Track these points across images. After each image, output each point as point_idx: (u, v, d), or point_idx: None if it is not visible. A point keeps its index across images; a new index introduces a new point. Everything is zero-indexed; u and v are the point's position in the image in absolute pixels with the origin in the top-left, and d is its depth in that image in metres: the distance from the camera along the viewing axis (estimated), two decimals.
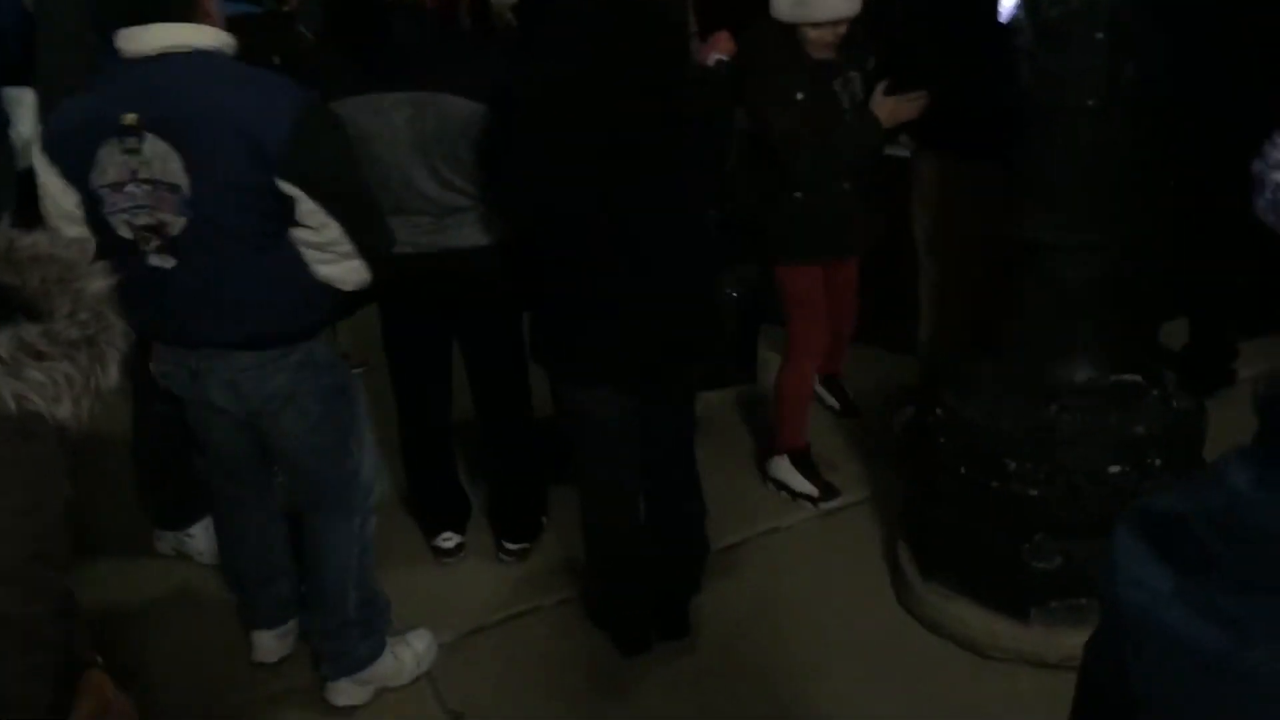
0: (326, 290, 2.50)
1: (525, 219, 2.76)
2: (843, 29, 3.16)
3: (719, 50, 3.17)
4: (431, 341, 3.18)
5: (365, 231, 2.46)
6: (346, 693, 2.88)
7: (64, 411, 1.39)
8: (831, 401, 4.02)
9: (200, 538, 3.37)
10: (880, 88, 3.21)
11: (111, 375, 1.47)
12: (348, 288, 2.51)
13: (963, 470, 2.82)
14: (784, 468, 3.60)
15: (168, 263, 2.39)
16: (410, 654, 2.97)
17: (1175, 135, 2.93)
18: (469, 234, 2.94)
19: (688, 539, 3.05)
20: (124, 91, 2.32)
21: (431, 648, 3.02)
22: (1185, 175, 3.16)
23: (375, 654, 2.89)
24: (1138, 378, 2.73)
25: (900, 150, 3.55)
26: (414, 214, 2.88)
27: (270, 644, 3.01)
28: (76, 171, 2.37)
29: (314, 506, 2.79)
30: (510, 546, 3.37)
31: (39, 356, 1.37)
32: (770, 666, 2.96)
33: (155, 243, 2.38)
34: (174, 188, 2.31)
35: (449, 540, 3.39)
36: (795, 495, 3.58)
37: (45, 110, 2.97)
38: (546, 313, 2.79)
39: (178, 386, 2.62)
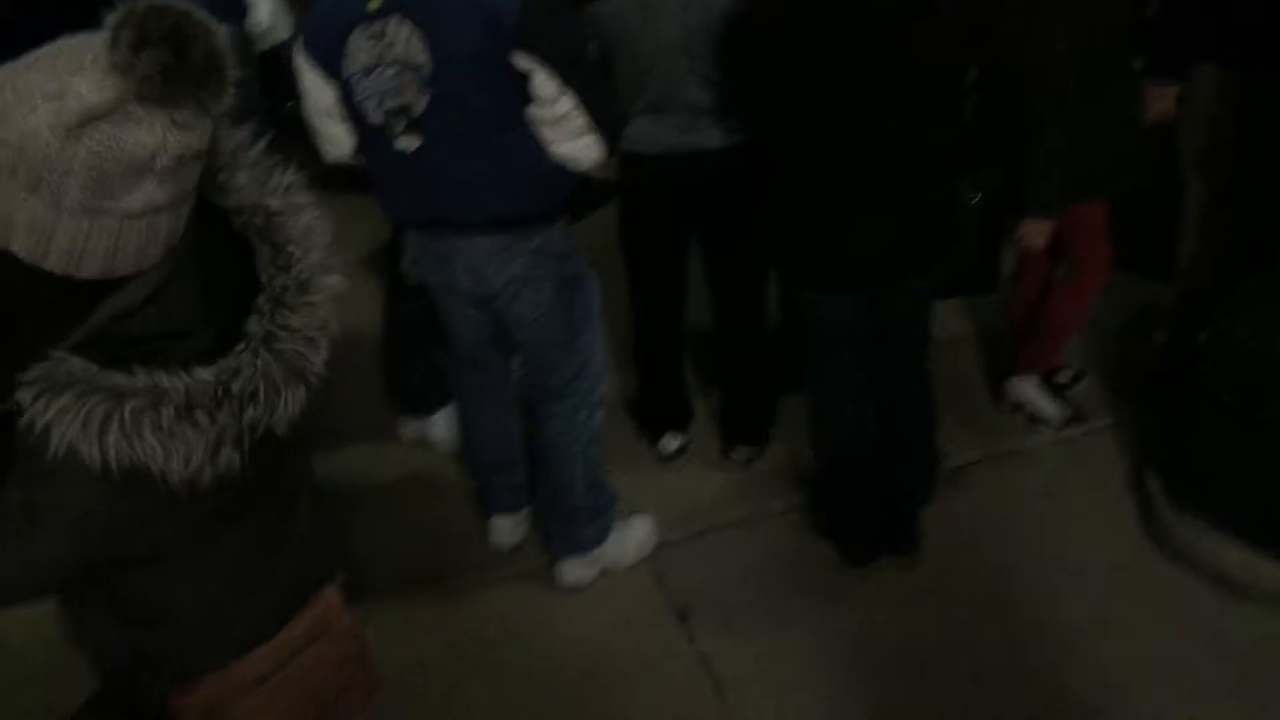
0: (563, 174, 2.54)
1: (763, 123, 2.71)
2: None
3: None
4: (670, 244, 3.19)
5: (598, 105, 2.46)
6: (573, 571, 2.99)
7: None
8: None
9: (441, 426, 3.51)
10: None
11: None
12: (582, 166, 2.53)
13: (1232, 399, 2.64)
14: (1030, 389, 3.45)
15: (413, 143, 2.47)
16: (633, 539, 3.06)
17: None
18: (718, 135, 2.91)
19: (919, 449, 2.98)
20: None
21: (653, 535, 3.10)
22: None
23: (601, 537, 2.99)
24: None
25: None
26: (667, 113, 2.87)
27: (505, 528, 3.13)
28: (330, 64, 2.47)
29: (544, 395, 2.87)
30: (739, 453, 3.38)
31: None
32: (998, 590, 2.88)
33: (402, 125, 2.46)
34: (417, 67, 2.38)
35: (673, 442, 3.43)
36: (1037, 418, 3.44)
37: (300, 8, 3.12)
38: (784, 215, 2.75)
39: (426, 272, 2.72)
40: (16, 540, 1.26)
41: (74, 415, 1.17)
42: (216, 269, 1.30)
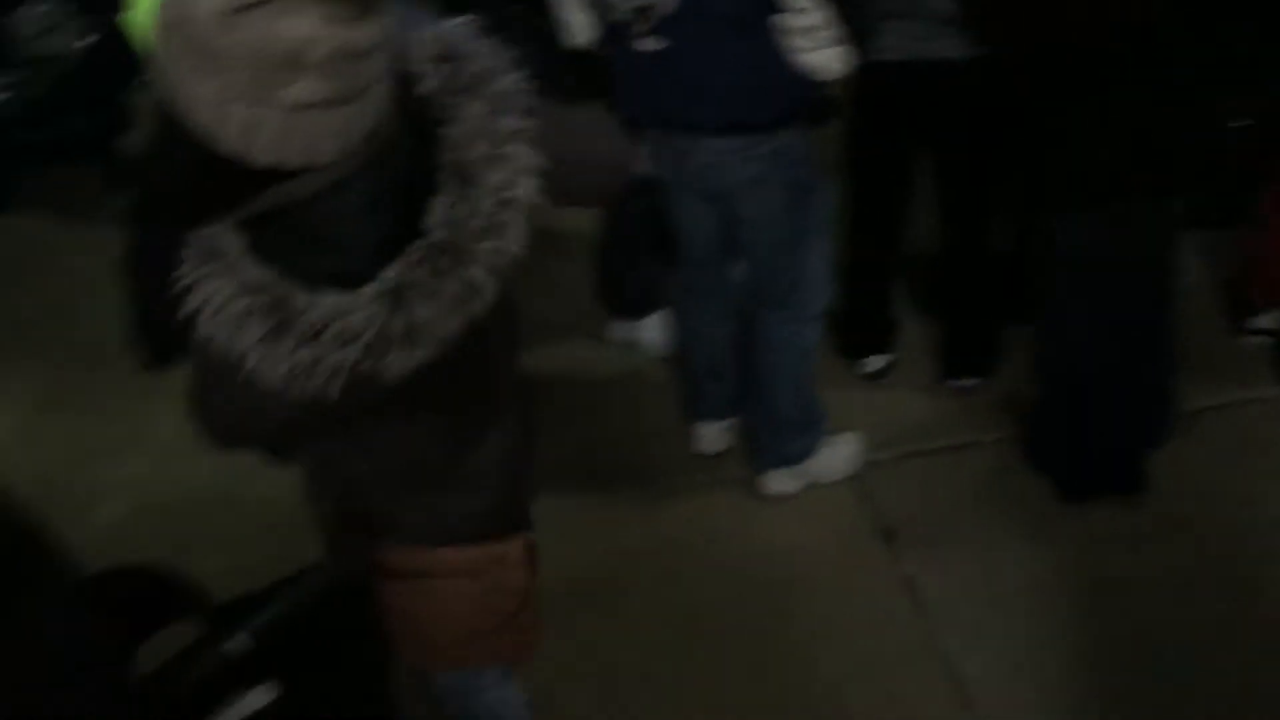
0: (804, 81, 2.49)
1: (1010, 30, 2.57)
2: None
3: None
4: (899, 159, 3.09)
5: (849, 16, 2.41)
6: (778, 482, 2.99)
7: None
8: None
9: (652, 330, 3.52)
10: None
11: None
12: (826, 77, 2.48)
13: None
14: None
15: (656, 45, 2.46)
16: (841, 454, 3.03)
17: None
18: (959, 45, 2.78)
19: (1154, 388, 2.82)
20: None
21: (860, 454, 3.06)
22: None
23: (808, 451, 2.98)
24: None
25: None
26: (906, 20, 2.76)
27: (712, 434, 3.14)
28: None
29: (763, 302, 2.85)
30: (961, 382, 3.28)
31: None
32: (1224, 541, 2.74)
33: (647, 24, 2.45)
34: None
35: (877, 361, 3.36)
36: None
37: None
38: (1027, 132, 2.62)
39: (663, 170, 2.72)
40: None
41: (206, 289, 1.23)
42: (396, 195, 1.26)
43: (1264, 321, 3.29)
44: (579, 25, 2.62)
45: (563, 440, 3.26)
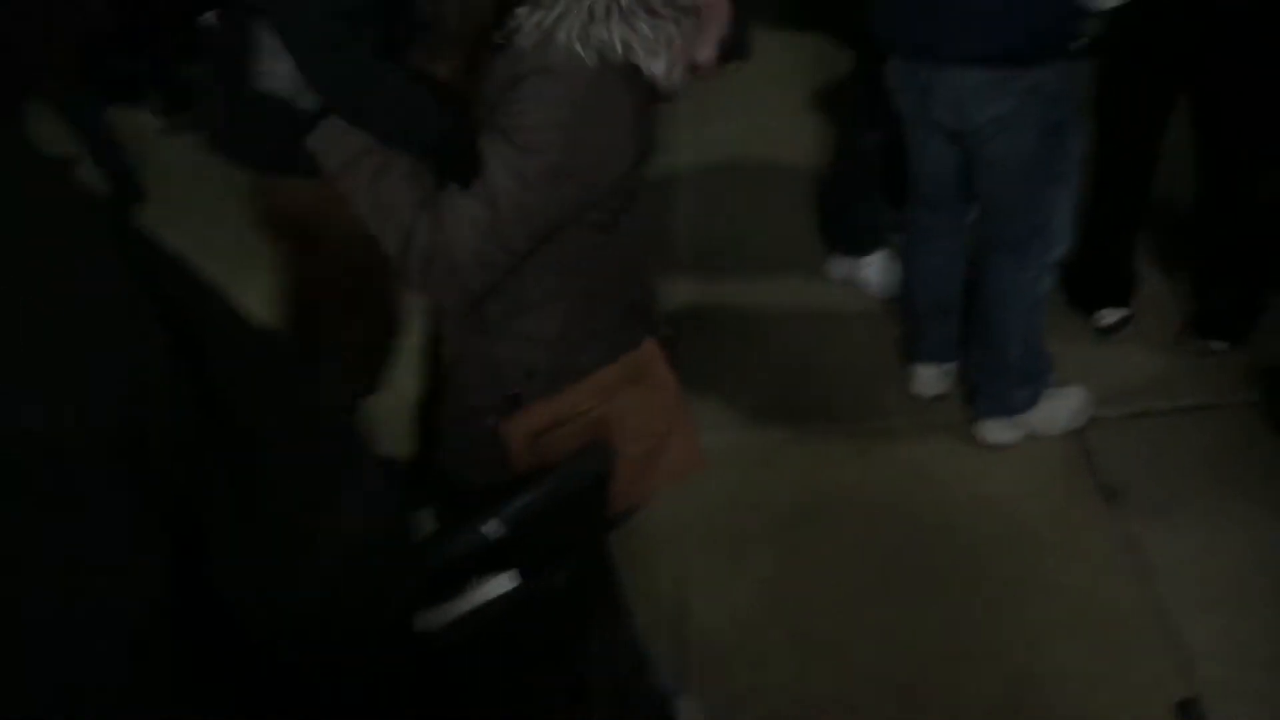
0: (1077, 10, 2.39)
1: None
2: None
3: None
4: (1158, 99, 2.92)
5: None
6: (996, 431, 2.92)
7: (658, 68, 1.49)
8: None
9: (873, 269, 3.48)
10: None
11: (707, 50, 1.60)
12: (1103, 6, 2.38)
13: None
14: None
15: None
16: (1065, 408, 2.93)
17: None
18: None
19: None
20: None
21: (1087, 408, 2.95)
22: None
23: (1031, 402, 2.89)
24: None
25: None
26: None
27: (931, 377, 3.08)
28: None
29: (998, 246, 2.75)
30: (1208, 344, 3.12)
31: (652, 13, 1.46)
32: None
33: None
34: None
35: (1111, 315, 3.22)
36: None
37: None
38: None
39: (905, 103, 2.66)
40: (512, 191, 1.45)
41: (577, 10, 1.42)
42: None
43: None
44: None
45: (780, 375, 3.28)
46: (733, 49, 5.79)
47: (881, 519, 2.79)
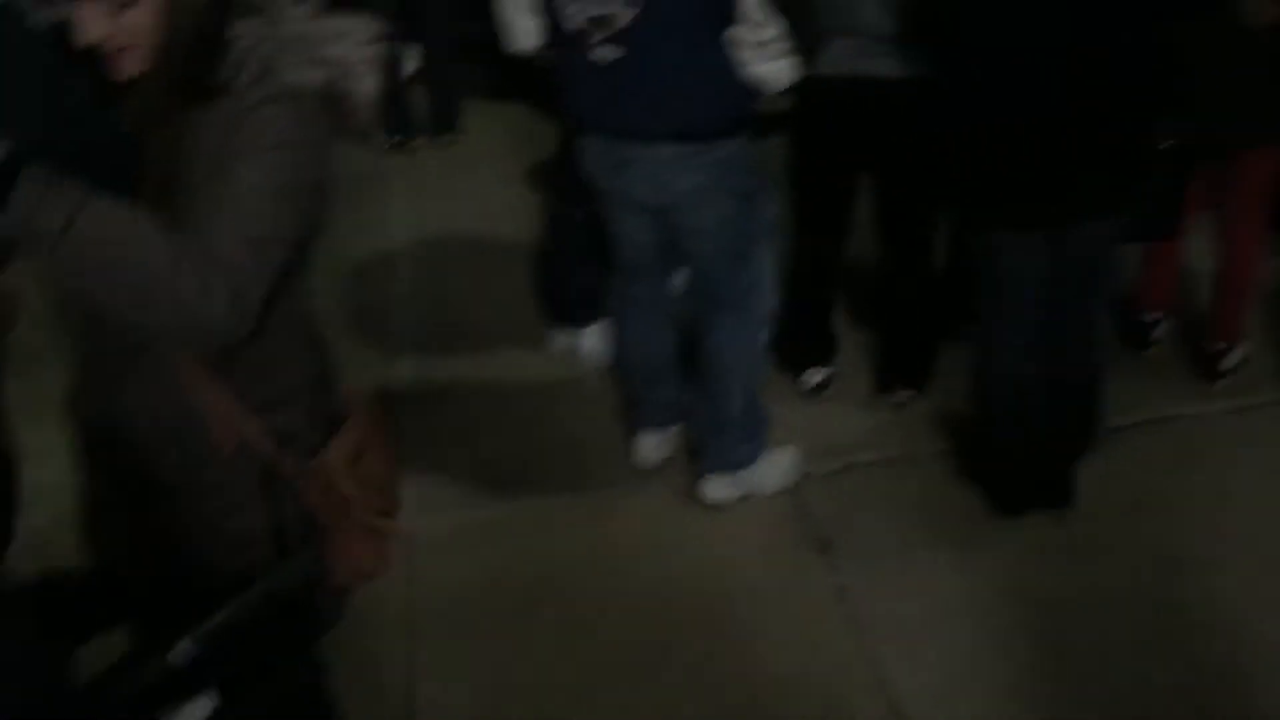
0: (751, 91, 2.57)
1: (945, 50, 2.62)
2: None
3: None
4: (841, 174, 3.13)
5: (801, 30, 2.49)
6: (718, 488, 3.01)
7: (361, 93, 1.49)
8: None
9: (594, 339, 3.54)
10: None
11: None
12: (774, 89, 2.56)
13: None
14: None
15: (613, 54, 2.49)
16: (780, 467, 3.07)
17: None
18: (895, 64, 2.84)
19: (1083, 401, 2.88)
20: None
21: (799, 466, 3.10)
22: None
23: (751, 459, 3.00)
24: None
25: None
26: (845, 37, 2.82)
27: (652, 444, 3.15)
28: None
29: (713, 305, 2.88)
30: (897, 395, 3.33)
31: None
32: (1150, 555, 2.79)
33: (602, 34, 2.49)
34: None
35: (815, 376, 3.40)
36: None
37: None
38: (963, 153, 2.66)
39: (602, 179, 2.74)
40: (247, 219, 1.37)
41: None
42: None
43: (1159, 332, 3.43)
44: (524, 30, 2.64)
45: (505, 452, 3.27)
46: (444, 121, 5.83)
47: (612, 591, 2.81)
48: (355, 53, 1.46)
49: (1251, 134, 3.05)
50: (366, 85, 1.47)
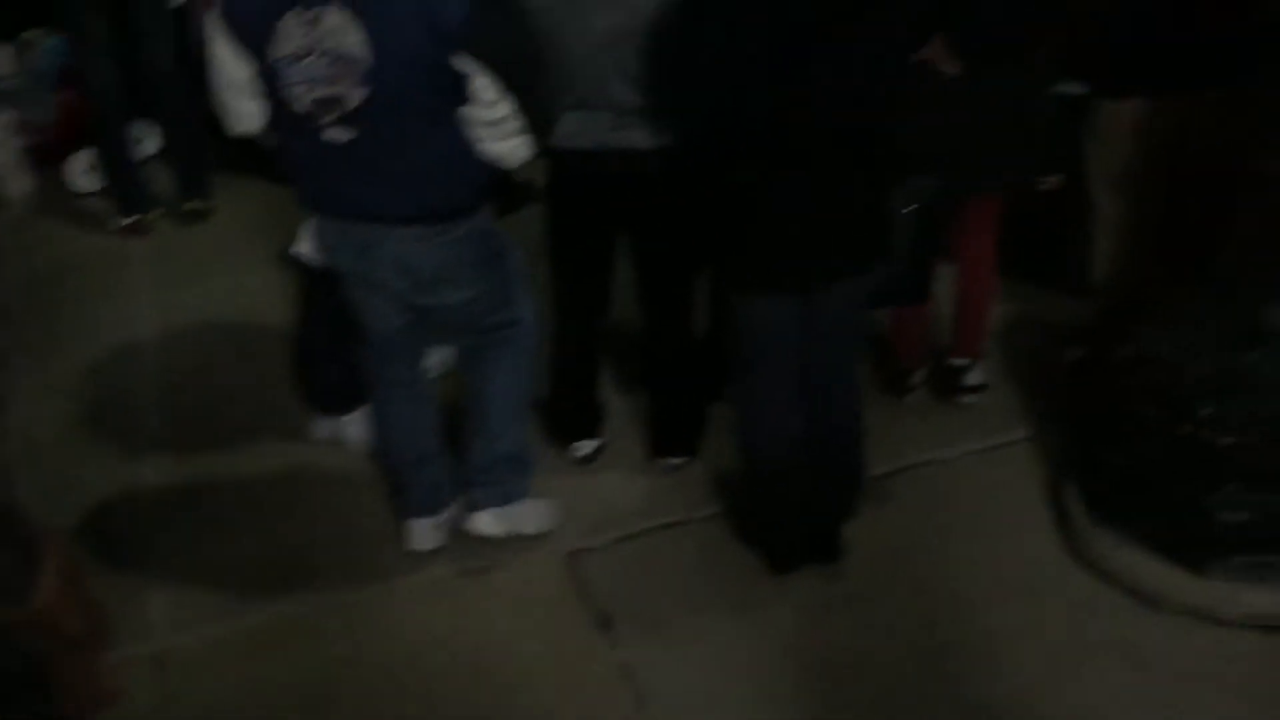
0: (489, 167, 2.58)
1: (702, 115, 2.66)
2: None
3: None
4: (597, 243, 3.13)
5: (534, 108, 2.50)
6: (486, 524, 3.03)
7: None
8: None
9: (357, 426, 3.41)
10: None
11: None
12: (511, 165, 2.58)
13: (1152, 413, 2.68)
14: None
15: (345, 136, 2.44)
16: (539, 512, 3.09)
17: None
18: (646, 136, 2.87)
19: (845, 458, 2.96)
20: None
21: (555, 517, 3.12)
22: None
23: (520, 495, 3.03)
24: None
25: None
26: (596, 109, 2.83)
27: (425, 532, 3.05)
28: (254, 42, 2.42)
29: (485, 349, 2.91)
30: (667, 461, 3.34)
31: None
32: (921, 599, 2.89)
33: (332, 116, 2.43)
34: (354, 60, 2.36)
35: (585, 448, 3.38)
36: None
37: None
38: (716, 216, 2.71)
39: (343, 263, 2.67)
40: None
41: None
42: None
43: (916, 379, 3.57)
44: (246, 114, 2.55)
45: (264, 550, 3.10)
46: (191, 189, 5.50)
47: (389, 695, 2.70)
48: None
49: (972, 184, 3.20)
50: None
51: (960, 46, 2.96)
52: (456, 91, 2.41)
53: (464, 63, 2.37)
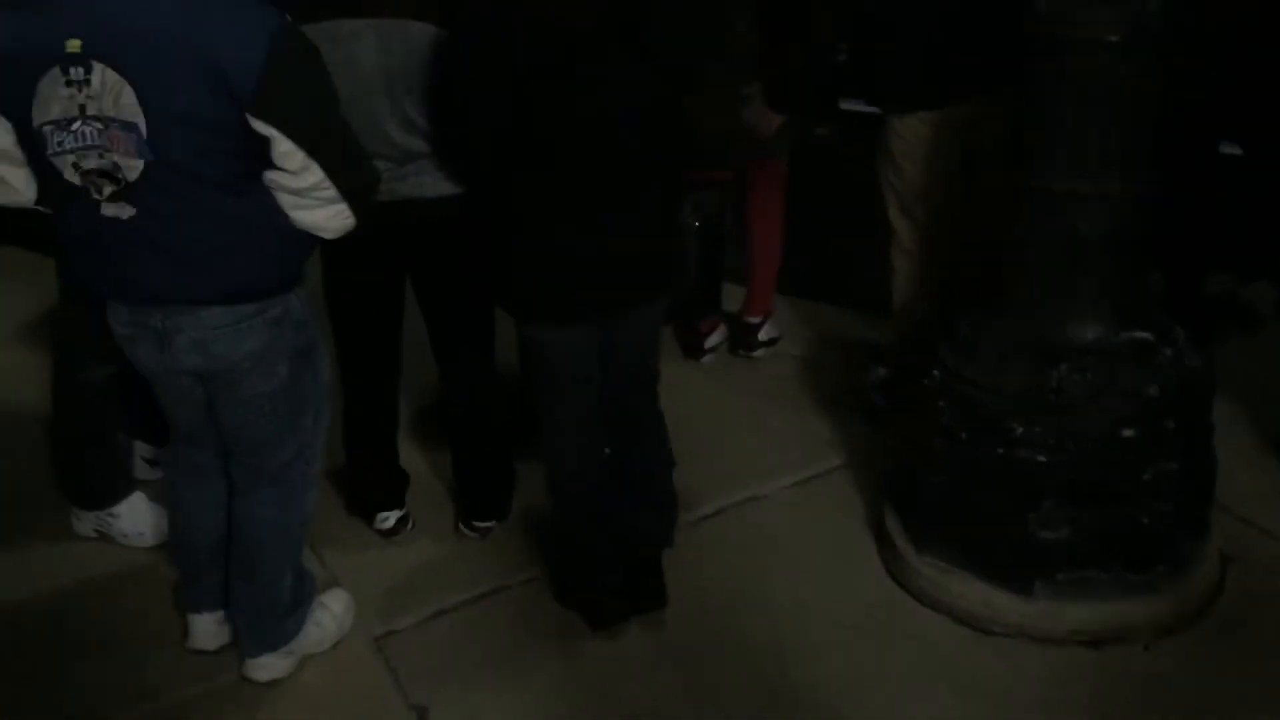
0: (306, 239, 2.31)
1: (479, 150, 2.54)
2: None
3: None
4: (382, 296, 2.93)
5: (350, 172, 2.25)
6: (269, 667, 2.65)
7: None
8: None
9: (125, 518, 3.09)
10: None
11: None
12: (331, 235, 2.31)
13: (964, 435, 2.65)
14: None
15: (125, 211, 2.16)
16: (330, 617, 2.77)
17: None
18: (430, 182, 2.70)
19: (656, 490, 2.84)
20: (68, 11, 2.06)
21: (350, 607, 2.83)
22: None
23: (299, 626, 2.68)
24: (1148, 335, 2.58)
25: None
26: (378, 158, 2.63)
27: (211, 629, 2.73)
28: (13, 105, 2.12)
29: (258, 480, 2.55)
30: (476, 525, 3.13)
31: None
32: (754, 643, 2.77)
33: (109, 189, 2.15)
34: (129, 125, 2.08)
35: (388, 519, 3.14)
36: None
37: None
38: (503, 250, 2.58)
39: (140, 349, 2.36)
40: None
41: None
42: None
43: (711, 341, 3.96)
44: (12, 184, 2.24)
45: (25, 664, 2.74)
46: None
47: None
48: None
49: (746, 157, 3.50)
50: None
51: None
52: (256, 156, 2.13)
53: (263, 126, 2.09)
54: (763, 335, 3.97)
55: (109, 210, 2.15)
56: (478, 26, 2.38)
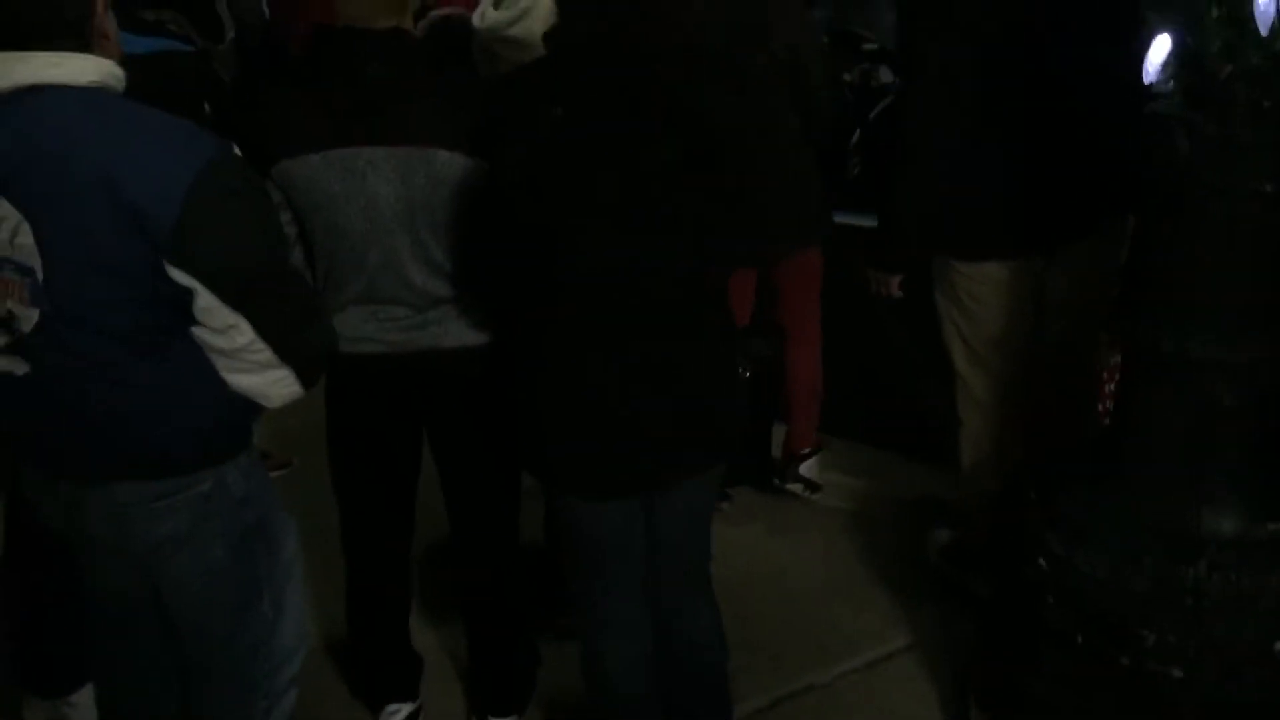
0: (244, 405, 1.90)
1: (514, 297, 2.20)
2: None
3: None
4: (394, 456, 2.56)
5: (291, 334, 1.86)
6: None
7: None
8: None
9: (84, 707, 2.65)
10: None
11: None
12: (274, 403, 1.91)
13: (1079, 640, 2.25)
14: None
15: (19, 368, 1.80)
16: None
17: None
18: (455, 331, 2.35)
19: (708, 682, 2.45)
20: None
21: None
22: None
23: None
24: None
25: None
26: (387, 304, 2.29)
27: None
28: None
29: (205, 677, 2.13)
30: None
31: None
32: None
33: (3, 339, 1.79)
34: (24, 269, 1.72)
35: (398, 712, 2.72)
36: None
37: None
38: (537, 413, 2.23)
39: (54, 519, 1.99)
40: None
41: None
42: None
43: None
44: None
45: None
46: None
47: None
48: None
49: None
50: None
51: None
52: (178, 309, 1.76)
53: (181, 273, 1.72)
54: (804, 470, 3.54)
55: (1, 364, 1.80)
56: (520, 155, 2.05)
